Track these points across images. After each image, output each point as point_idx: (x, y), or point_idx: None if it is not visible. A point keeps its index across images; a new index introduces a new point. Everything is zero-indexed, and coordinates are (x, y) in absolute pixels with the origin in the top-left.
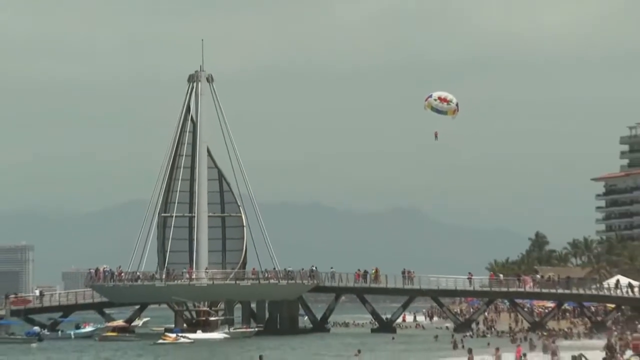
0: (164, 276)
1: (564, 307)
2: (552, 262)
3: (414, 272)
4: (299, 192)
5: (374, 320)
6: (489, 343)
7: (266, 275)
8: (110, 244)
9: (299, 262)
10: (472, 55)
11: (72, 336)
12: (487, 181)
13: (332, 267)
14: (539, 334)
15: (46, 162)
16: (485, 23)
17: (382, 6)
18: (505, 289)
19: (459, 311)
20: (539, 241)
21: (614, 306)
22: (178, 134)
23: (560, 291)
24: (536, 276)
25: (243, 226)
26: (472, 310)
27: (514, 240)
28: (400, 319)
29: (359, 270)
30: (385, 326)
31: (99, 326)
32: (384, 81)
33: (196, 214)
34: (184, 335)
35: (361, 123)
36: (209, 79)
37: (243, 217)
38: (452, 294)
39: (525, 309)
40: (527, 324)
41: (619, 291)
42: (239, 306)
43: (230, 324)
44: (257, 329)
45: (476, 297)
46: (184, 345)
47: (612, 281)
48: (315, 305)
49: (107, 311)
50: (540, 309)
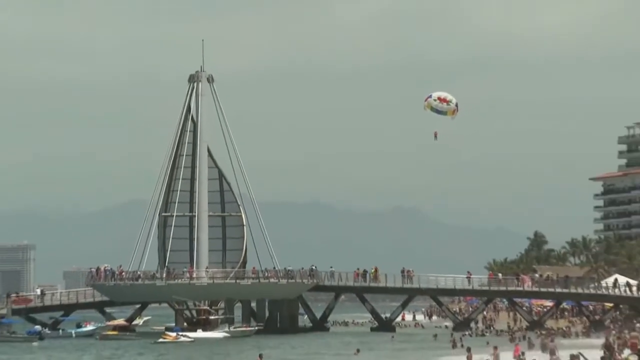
0: (164, 275)
1: (562, 306)
2: (551, 262)
3: (413, 271)
4: (299, 191)
5: (373, 319)
6: (488, 342)
7: (266, 274)
8: (110, 243)
9: (298, 262)
10: (472, 55)
11: (73, 335)
12: (487, 181)
13: (332, 267)
14: (537, 332)
15: (47, 162)
16: (485, 23)
17: (382, 6)
18: (504, 288)
19: (458, 310)
20: (538, 240)
21: (612, 305)
22: (179, 134)
23: (558, 290)
24: (535, 275)
25: (243, 225)
26: (471, 309)
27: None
28: (399, 318)
29: (358, 270)
30: (385, 325)
31: (99, 325)
32: (384, 81)
33: (196, 214)
34: (184, 334)
35: (361, 123)
36: (210, 79)
37: (243, 216)
38: (451, 293)
39: (524, 308)
40: (525, 323)
41: (617, 290)
42: (239, 305)
43: (231, 322)
44: (257, 327)
45: (475, 296)
46: (184, 344)
47: (610, 280)
48: (315, 304)
49: (108, 310)
50: (539, 308)
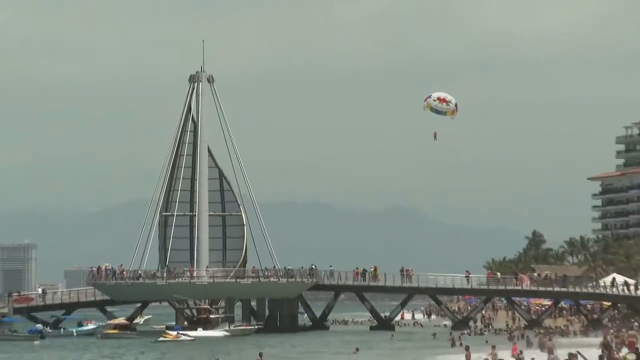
0: (165, 274)
1: (560, 305)
2: (549, 261)
3: (412, 270)
4: (299, 191)
5: (372, 318)
6: (487, 341)
7: (266, 273)
8: (111, 242)
9: (298, 261)
10: (472, 55)
11: (75, 334)
12: (486, 181)
13: (331, 266)
14: (535, 331)
15: (47, 162)
16: (485, 23)
17: (382, 6)
18: (503, 287)
19: (456, 309)
20: (536, 240)
21: (610, 304)
22: (179, 134)
23: (556, 289)
24: (533, 274)
25: (243, 225)
26: (469, 308)
27: (511, 239)
28: (398, 317)
29: (357, 269)
30: (384, 324)
31: (100, 324)
32: (384, 81)
33: (197, 213)
34: (185, 332)
35: (361, 123)
36: (210, 80)
37: (243, 216)
38: (450, 292)
39: (523, 307)
40: (524, 322)
41: (614, 289)
42: (239, 304)
43: (231, 321)
44: (257, 326)
45: (474, 295)
46: (184, 343)
47: (608, 279)
48: (315, 303)
49: (109, 309)
50: (537, 307)
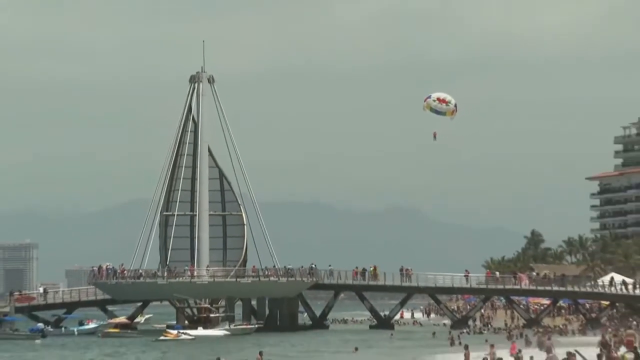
0: (165, 274)
1: (559, 304)
2: (548, 260)
3: (411, 269)
4: (299, 191)
5: (372, 317)
6: (486, 340)
7: (266, 272)
8: (112, 242)
9: (298, 260)
10: (472, 55)
11: (76, 333)
12: (485, 181)
13: (331, 265)
14: (534, 330)
15: (48, 162)
16: (485, 23)
17: (382, 6)
18: (502, 287)
19: (456, 308)
20: (535, 239)
21: (608, 303)
22: (180, 134)
23: (555, 288)
24: (532, 274)
25: (243, 224)
26: (468, 307)
27: (510, 238)
28: (398, 316)
29: (356, 268)
30: (384, 323)
31: (102, 323)
32: (384, 81)
33: (197, 213)
34: (185, 331)
35: (361, 123)
36: (210, 80)
37: (243, 215)
38: (449, 291)
39: (521, 306)
40: (523, 321)
41: (613, 288)
42: (239, 303)
43: (231, 320)
44: (257, 325)
45: (473, 294)
46: (185, 342)
47: (606, 279)
48: (315, 302)
49: (110, 308)
50: (536, 306)
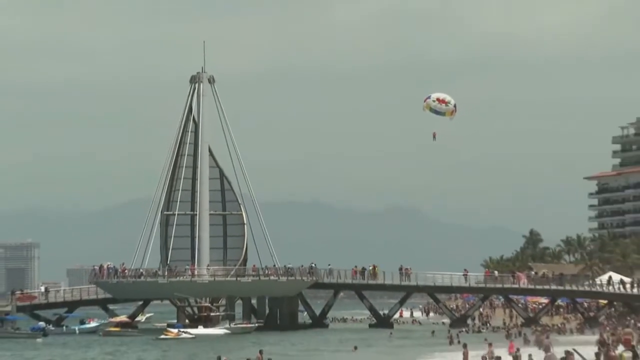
0: (166, 273)
1: (557, 303)
2: (546, 259)
3: (411, 269)
4: (299, 190)
5: (371, 316)
6: (485, 339)
7: (266, 272)
8: (113, 241)
9: (298, 260)
10: (472, 55)
11: (77, 331)
12: (484, 181)
13: (330, 264)
14: (533, 329)
15: (50, 162)
16: (485, 23)
17: (382, 6)
18: (500, 286)
19: (454, 307)
20: (533, 239)
21: (606, 302)
22: (180, 134)
23: (553, 287)
24: (530, 273)
25: (244, 224)
26: (467, 306)
27: (509, 237)
28: (397, 315)
29: (356, 267)
30: (383, 322)
31: (103, 322)
32: (384, 81)
33: (198, 212)
34: (186, 330)
35: (361, 123)
36: (211, 80)
37: (244, 215)
38: (448, 290)
39: (520, 305)
40: (521, 320)
41: (611, 287)
42: (239, 302)
43: (231, 319)
44: (257, 324)
45: (472, 293)
46: (185, 341)
47: (604, 278)
48: (315, 301)
49: (111, 307)
50: (534, 305)
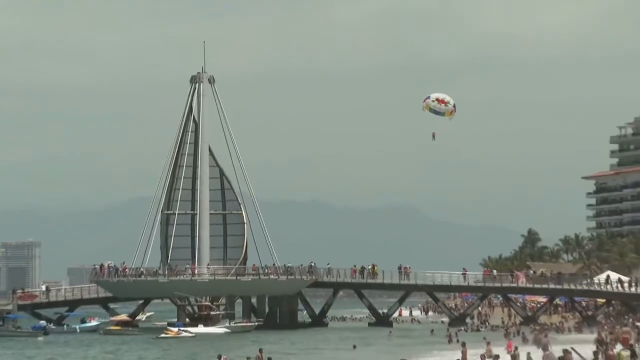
0: (167, 272)
1: (555, 302)
2: (545, 259)
3: (410, 268)
4: (299, 190)
5: (371, 315)
6: (484, 337)
7: (266, 271)
8: (114, 241)
9: (298, 259)
10: (472, 55)
11: (78, 330)
12: (482, 180)
13: (329, 263)
14: (531, 328)
15: (51, 162)
16: (485, 23)
17: (382, 6)
18: (499, 285)
19: (454, 306)
20: (532, 238)
21: (604, 301)
22: (181, 134)
23: (552, 287)
24: (529, 272)
25: (244, 224)
26: (466, 305)
27: (508, 237)
28: (396, 314)
29: (355, 267)
30: (382, 321)
31: (104, 321)
32: (384, 81)
33: (198, 212)
34: (186, 329)
35: (361, 123)
36: (211, 81)
37: (244, 214)
38: (447, 289)
39: (518, 304)
40: (520, 319)
41: (609, 287)
42: (240, 301)
43: (232, 318)
44: (257, 323)
45: (471, 292)
46: (186, 340)
47: (602, 277)
48: (314, 300)
49: (112, 306)
50: (533, 304)
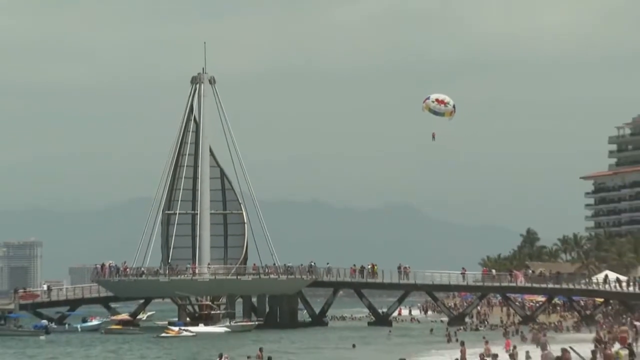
0: (167, 271)
1: (554, 301)
2: (543, 258)
3: (409, 267)
4: (299, 190)
5: (370, 314)
6: (484, 337)
7: (266, 270)
8: (115, 240)
9: (298, 258)
10: (472, 55)
11: (79, 329)
12: (481, 180)
13: (328, 263)
14: (530, 327)
15: (51, 162)
16: (485, 23)
17: (382, 6)
18: (498, 284)
19: (453, 305)
20: (530, 237)
21: (602, 300)
22: (181, 134)
23: (550, 286)
24: (527, 271)
25: (244, 223)
26: (465, 304)
27: (506, 236)
28: (396, 313)
29: (354, 266)
30: (382, 320)
31: (104, 320)
32: (384, 81)
33: (199, 212)
34: (187, 328)
35: (361, 123)
36: (211, 81)
37: (244, 214)
38: (446, 288)
39: (517, 303)
40: (518, 318)
41: (607, 286)
42: (240, 300)
43: (232, 317)
44: (257, 322)
45: (469, 291)
46: (186, 338)
47: (600, 276)
48: (314, 299)
49: (113, 305)
50: (531, 303)
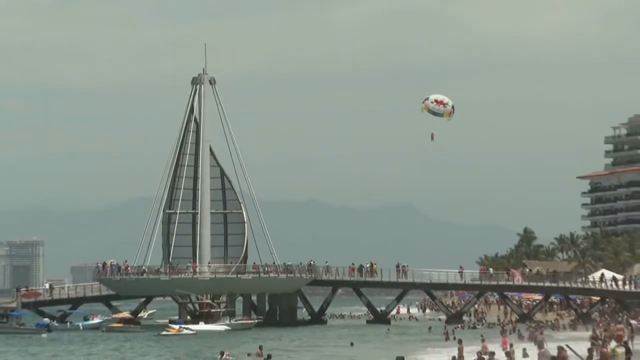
0: (168, 270)
1: (551, 300)
2: (540, 257)
3: (407, 266)
4: (298, 190)
5: (369, 313)
6: (481, 335)
7: (266, 269)
8: (116, 239)
9: (297, 257)
10: (472, 55)
11: (81, 327)
12: (479, 180)
13: (327, 262)
14: (527, 325)
15: (52, 162)
16: (485, 23)
17: (382, 7)
18: (495, 283)
19: (450, 303)
20: (527, 236)
21: (598, 299)
22: (182, 134)
23: (547, 284)
24: (524, 270)
25: (244, 222)
26: (463, 302)
27: (503, 236)
28: (394, 311)
29: (352, 265)
30: (380, 318)
31: (106, 318)
32: (384, 81)
33: (199, 211)
34: (187, 326)
35: (360, 123)
36: (212, 82)
37: (244, 213)
38: (444, 287)
39: (514, 302)
40: (515, 316)
41: (603, 284)
42: (240, 299)
43: (232, 315)
44: (257, 320)
45: (467, 290)
46: (187, 336)
47: (597, 275)
48: (313, 297)
49: (114, 303)
50: (528, 302)
